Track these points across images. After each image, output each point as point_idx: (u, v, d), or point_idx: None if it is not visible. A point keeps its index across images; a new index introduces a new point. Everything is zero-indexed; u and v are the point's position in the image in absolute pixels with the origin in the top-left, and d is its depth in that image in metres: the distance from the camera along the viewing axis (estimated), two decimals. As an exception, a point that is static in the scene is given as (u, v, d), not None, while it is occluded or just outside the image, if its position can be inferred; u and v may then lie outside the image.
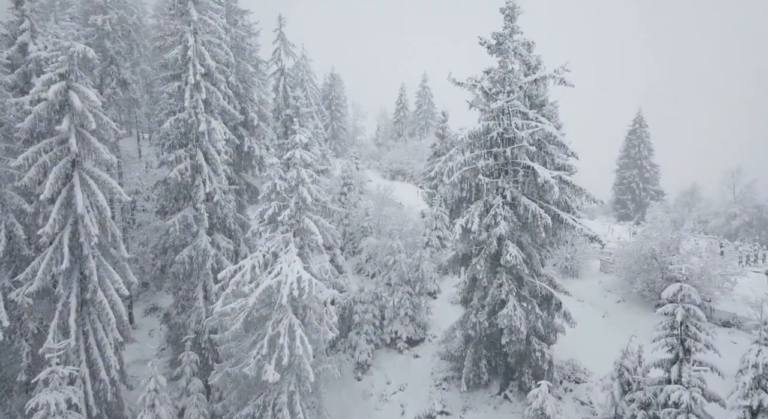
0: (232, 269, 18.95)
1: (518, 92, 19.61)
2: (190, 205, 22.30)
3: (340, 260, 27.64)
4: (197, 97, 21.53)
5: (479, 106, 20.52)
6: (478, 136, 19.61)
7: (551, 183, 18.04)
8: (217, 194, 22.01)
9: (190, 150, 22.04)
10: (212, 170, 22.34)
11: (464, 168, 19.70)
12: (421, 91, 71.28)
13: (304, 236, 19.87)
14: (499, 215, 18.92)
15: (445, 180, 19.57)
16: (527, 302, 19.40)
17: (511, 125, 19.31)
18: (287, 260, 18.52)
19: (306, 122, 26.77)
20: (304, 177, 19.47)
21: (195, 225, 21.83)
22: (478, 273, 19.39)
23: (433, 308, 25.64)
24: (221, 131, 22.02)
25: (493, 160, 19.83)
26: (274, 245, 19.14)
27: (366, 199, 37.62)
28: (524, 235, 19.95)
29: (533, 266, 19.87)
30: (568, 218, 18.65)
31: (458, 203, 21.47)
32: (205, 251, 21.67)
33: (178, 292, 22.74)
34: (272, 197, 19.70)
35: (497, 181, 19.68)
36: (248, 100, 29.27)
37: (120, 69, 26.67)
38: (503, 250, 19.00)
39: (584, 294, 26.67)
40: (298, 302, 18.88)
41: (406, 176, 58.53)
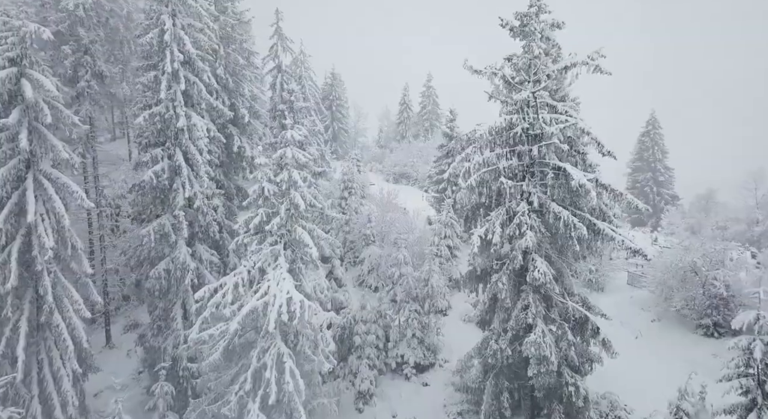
0: (212, 288, 16.17)
1: (545, 81, 16.84)
2: (169, 212, 19.56)
3: (340, 272, 24.86)
4: (175, 88, 18.83)
5: (500, 97, 17.76)
6: (499, 132, 16.84)
7: (587, 187, 15.25)
8: (198, 200, 19.27)
9: (168, 149, 19.33)
10: (193, 171, 19.61)
11: (483, 169, 16.93)
12: (426, 91, 68.62)
13: (297, 248, 17.09)
14: (525, 225, 16.12)
15: (461, 183, 16.80)
16: (557, 326, 16.57)
17: (538, 120, 16.54)
18: (276, 277, 15.76)
19: (302, 119, 24.13)
20: (296, 180, 16.72)
21: (173, 235, 19.09)
22: (500, 292, 16.57)
23: (444, 328, 22.81)
24: (203, 127, 19.29)
25: (516, 160, 17.05)
26: (261, 259, 16.38)
27: (368, 204, 34.87)
28: (553, 248, 17.16)
29: (564, 284, 17.06)
30: (607, 228, 15.83)
31: (474, 210, 18.68)
32: (184, 264, 18.91)
33: (153, 311, 19.97)
34: (260, 202, 16.95)
35: (522, 184, 16.90)
36: (238, 95, 26.60)
37: (96, 60, 24.01)
38: (530, 265, 16.21)
39: (612, 311, 23.70)
40: (288, 327, 16.08)
41: (411, 179, 55.79)
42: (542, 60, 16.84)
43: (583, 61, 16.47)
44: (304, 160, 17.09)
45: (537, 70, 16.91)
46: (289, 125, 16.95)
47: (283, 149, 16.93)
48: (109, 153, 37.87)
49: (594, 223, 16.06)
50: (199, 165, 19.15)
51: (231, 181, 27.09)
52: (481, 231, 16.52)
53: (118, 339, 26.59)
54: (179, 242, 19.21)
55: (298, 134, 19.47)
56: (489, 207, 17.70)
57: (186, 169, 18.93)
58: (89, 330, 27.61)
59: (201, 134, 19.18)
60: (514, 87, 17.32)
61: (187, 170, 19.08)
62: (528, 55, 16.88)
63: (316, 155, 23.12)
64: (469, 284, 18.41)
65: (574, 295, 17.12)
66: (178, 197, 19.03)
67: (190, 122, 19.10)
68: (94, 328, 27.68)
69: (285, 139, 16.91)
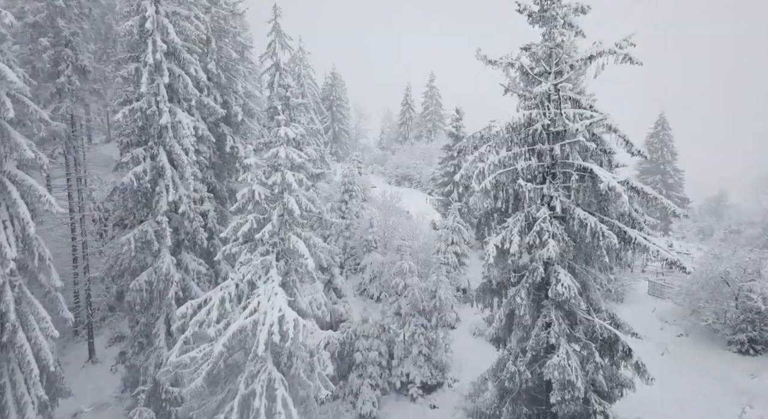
0: (195, 304, 14.40)
1: (568, 73, 15.11)
2: (152, 217, 17.82)
3: (339, 281, 23.09)
4: (158, 81, 17.12)
5: (516, 91, 16.01)
6: (517, 129, 15.09)
7: (618, 190, 13.47)
8: (184, 204, 17.52)
9: (151, 148, 17.59)
10: (178, 173, 17.88)
11: (499, 171, 15.17)
12: (428, 91, 66.92)
13: (291, 258, 15.34)
14: (546, 232, 14.35)
15: (474, 186, 15.03)
16: (582, 346, 14.77)
17: (561, 115, 14.81)
18: (267, 292, 13.99)
19: (298, 116, 22.42)
20: (291, 182, 14.98)
21: (156, 243, 17.33)
22: (518, 308, 14.78)
23: (452, 343, 20.99)
24: (190, 124, 17.56)
25: (536, 160, 15.29)
26: (250, 271, 14.62)
27: (369, 207, 33.16)
28: (577, 258, 15.38)
29: (590, 299, 15.27)
30: (639, 237, 14.04)
31: (487, 216, 16.93)
32: (168, 275, 17.16)
33: (135, 326, 18.21)
34: (249, 207, 15.20)
35: (542, 187, 15.13)
36: (231, 92, 24.89)
37: (78, 54, 22.32)
38: (552, 278, 14.43)
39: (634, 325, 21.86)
40: (281, 348, 14.30)
41: (413, 181, 54.04)
42: (565, 49, 15.10)
43: (611, 50, 14.72)
44: (300, 160, 15.35)
45: (559, 60, 15.18)
46: (283, 121, 15.22)
47: (276, 148, 15.19)
48: (102, 155, 36.22)
49: (624, 231, 14.27)
50: (185, 166, 17.41)
51: (223, 183, 25.38)
52: (496, 240, 14.75)
53: (103, 353, 24.82)
54: (162, 250, 17.46)
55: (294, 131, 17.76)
56: (505, 213, 15.95)
57: (170, 170, 17.20)
58: (71, 343, 26.03)
59: (187, 131, 17.45)
60: (533, 79, 15.61)
61: (171, 171, 17.35)
62: (549, 43, 15.14)
63: (314, 156, 21.40)
64: (482, 299, 16.62)
65: (601, 311, 15.33)
66: (161, 202, 17.30)
67: (175, 119, 17.38)
68: (77, 341, 25.98)
69: (278, 136, 15.18)
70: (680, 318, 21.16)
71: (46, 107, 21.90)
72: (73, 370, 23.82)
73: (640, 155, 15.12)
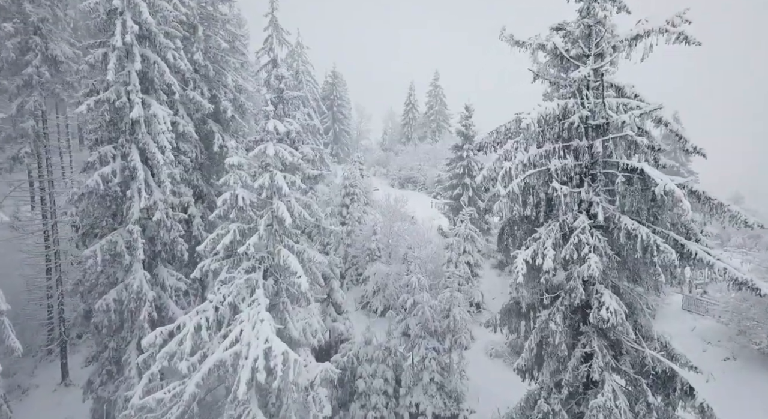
0: (166, 332, 12.00)
1: (611, 55, 12.71)
2: (123, 226, 15.45)
3: (339, 295, 20.67)
4: (129, 68, 14.77)
5: (548, 77, 13.65)
6: (550, 122, 12.69)
7: (677, 196, 11.04)
8: (159, 210, 15.14)
9: (122, 147, 15.23)
10: (153, 175, 15.51)
11: (529, 172, 12.77)
12: (432, 90, 64.58)
13: (281, 276, 12.94)
14: (586, 245, 11.94)
15: (500, 190, 12.61)
16: (631, 382, 12.33)
17: (603, 105, 12.41)
18: (251, 317, 11.59)
19: (293, 111, 20.07)
20: (281, 186, 12.60)
21: (127, 255, 14.95)
22: (552, 336, 12.35)
23: (467, 366, 18.53)
24: (166, 118, 15.20)
25: (572, 159, 12.89)
26: (232, 292, 12.21)
27: (372, 212, 30.77)
28: (622, 276, 12.97)
29: (639, 325, 12.85)
30: (701, 251, 11.60)
31: (512, 225, 14.52)
32: (140, 293, 14.76)
33: (103, 352, 15.81)
34: (232, 215, 12.81)
35: (579, 191, 12.73)
36: (221, 85, 22.56)
37: (48, 42, 20.00)
38: (593, 300, 12.03)
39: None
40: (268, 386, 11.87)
41: (417, 184, 51.66)
42: (607, 26, 12.72)
43: (661, 28, 12.29)
44: (292, 159, 12.97)
45: (600, 39, 12.79)
46: (272, 112, 12.84)
47: (263, 144, 12.81)
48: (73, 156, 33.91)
49: (682, 244, 11.83)
50: (161, 167, 15.05)
51: (212, 187, 23.02)
52: (526, 254, 12.32)
53: (78, 374, 22.37)
54: (134, 265, 15.08)
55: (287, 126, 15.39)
56: (535, 221, 13.55)
57: (142, 172, 14.82)
58: (43, 363, 23.59)
59: (163, 127, 15.08)
60: (567, 64, 13.22)
61: (145, 172, 14.99)
62: (588, 19, 12.74)
63: (311, 155, 19.03)
64: (507, 322, 14.17)
65: (652, 339, 12.89)
66: (132, 208, 14.92)
67: (149, 112, 15.02)
68: (50, 360, 23.58)
69: (266, 131, 12.80)
70: (725, 338, 18.67)
71: (12, 101, 19.59)
72: (42, 394, 21.42)
73: (697, 154, 12.69)
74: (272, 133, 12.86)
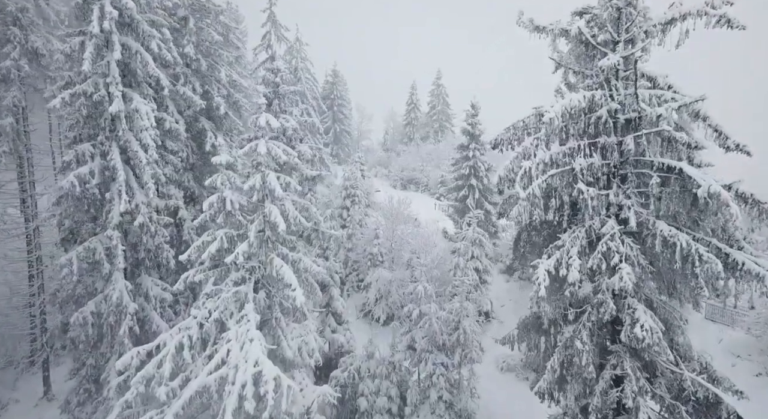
0: (144, 352, 10.67)
1: (644, 41, 11.38)
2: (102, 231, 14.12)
3: (340, 304, 19.32)
4: (108, 58, 13.45)
5: (571, 67, 12.31)
6: (575, 115, 11.33)
7: (723, 199, 9.71)
8: (142, 214, 13.80)
9: (102, 145, 13.91)
10: (135, 175, 14.19)
11: (551, 171, 11.42)
12: (435, 89, 63.27)
13: (274, 288, 11.61)
14: (616, 254, 10.61)
15: (518, 192, 11.27)
16: (668, 409, 10.96)
17: (635, 97, 11.07)
18: (240, 336, 10.25)
19: (289, 107, 18.77)
20: (274, 187, 11.26)
21: (106, 264, 13.61)
22: (577, 355, 11.00)
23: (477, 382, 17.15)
24: (149, 113, 13.87)
25: (599, 157, 11.53)
26: (219, 306, 10.87)
27: (374, 214, 29.42)
28: (656, 288, 11.61)
29: (675, 343, 11.49)
30: (749, 262, 10.24)
31: (529, 232, 13.20)
32: (120, 305, 13.43)
33: (81, 369, 14.48)
34: (219, 220, 11.46)
35: (608, 194, 11.40)
36: (213, 80, 21.23)
37: (28, 34, 18.71)
38: (625, 316, 10.70)
39: (696, 358, 18.10)
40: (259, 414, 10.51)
41: (420, 185, 50.33)
42: (639, 9, 11.38)
43: (699, 11, 10.96)
44: (287, 157, 11.63)
45: (631, 24, 11.45)
46: (264, 105, 11.52)
47: (254, 142, 11.48)
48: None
49: (726, 253, 10.47)
50: (143, 167, 13.71)
51: (204, 188, 21.67)
52: (548, 263, 10.97)
53: (61, 387, 20.94)
54: (114, 274, 13.74)
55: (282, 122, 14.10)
56: (558, 227, 12.22)
57: (123, 172, 13.49)
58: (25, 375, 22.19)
59: (146, 122, 13.75)
60: (595, 50, 11.89)
61: (126, 173, 13.66)
62: (618, 1, 11.40)
63: (309, 155, 17.69)
64: (526, 338, 12.82)
65: (690, 360, 11.52)
66: (112, 212, 13.59)
67: (130, 107, 13.70)
68: (33, 372, 22.21)
69: (258, 126, 11.47)
70: (756, 352, 17.31)
71: (-11, 96, 18.27)
72: (23, 410, 20.07)
73: (740, 151, 11.33)
74: (265, 128, 11.53)
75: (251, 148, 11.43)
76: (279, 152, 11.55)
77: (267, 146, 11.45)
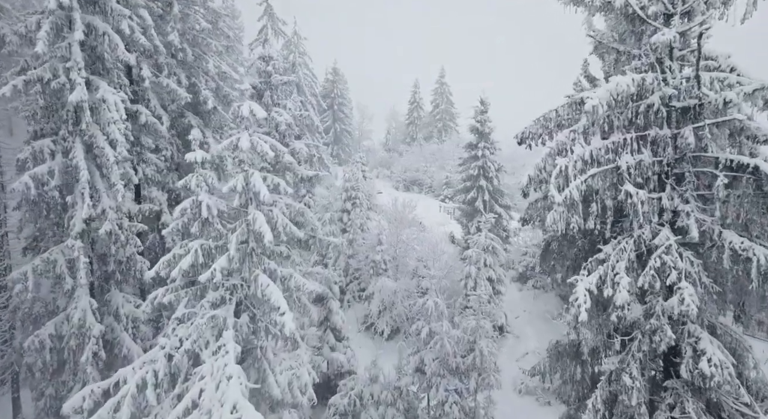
0: (98, 391, 8.78)
1: (706, 13, 9.48)
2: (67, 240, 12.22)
3: (339, 318, 17.42)
4: (69, 39, 11.56)
5: (614, 46, 10.42)
6: (621, 103, 9.40)
7: (814, 203, 7.79)
8: (110, 221, 11.89)
9: (63, 140, 12.02)
10: (102, 176, 12.29)
11: (592, 170, 9.51)
12: (438, 88, 61.39)
13: (259, 310, 9.70)
14: (673, 271, 8.72)
15: (554, 196, 9.37)
16: (737, 460, 9.04)
17: (696, 81, 9.16)
18: (216, 372, 8.31)
19: (283, 100, 16.88)
20: (259, 189, 9.36)
21: (68, 278, 11.72)
22: (626, 392, 9.07)
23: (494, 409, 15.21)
24: (118, 104, 11.97)
25: (649, 153, 9.61)
26: (192, 334, 8.96)
27: (376, 217, 27.55)
28: (722, 312, 9.69)
29: (745, 379, 9.55)
30: (842, 282, 8.33)
31: (560, 242, 11.30)
32: (83, 327, 11.53)
33: (39, 400, 12.57)
34: (194, 230, 9.56)
35: (660, 197, 9.50)
36: (201, 72, 19.32)
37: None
38: (685, 346, 8.83)
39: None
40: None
41: (423, 186, 48.43)
42: (698, -26, 9.49)
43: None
44: (275, 154, 9.74)
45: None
46: (248, 91, 9.67)
47: (236, 136, 9.59)
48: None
49: (812, 270, 8.55)
50: (111, 166, 11.80)
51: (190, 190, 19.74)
52: (590, 281, 9.07)
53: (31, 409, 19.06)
54: (77, 290, 11.83)
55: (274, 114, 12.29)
56: (597, 237, 10.30)
57: (86, 172, 11.58)
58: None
59: (115, 115, 11.85)
60: (643, 25, 9.99)
61: (89, 173, 11.74)
62: (674, -37, 9.50)
63: (305, 153, 15.79)
64: (560, 368, 10.88)
65: (765, 399, 9.58)
66: (75, 218, 11.69)
67: (96, 96, 11.81)
68: (2, 392, 20.35)
69: (240, 116, 9.57)
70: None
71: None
72: (-11, 435, 18.21)
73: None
74: (249, 120, 9.63)
75: (232, 143, 9.54)
76: (265, 147, 9.65)
77: (251, 140, 9.56)
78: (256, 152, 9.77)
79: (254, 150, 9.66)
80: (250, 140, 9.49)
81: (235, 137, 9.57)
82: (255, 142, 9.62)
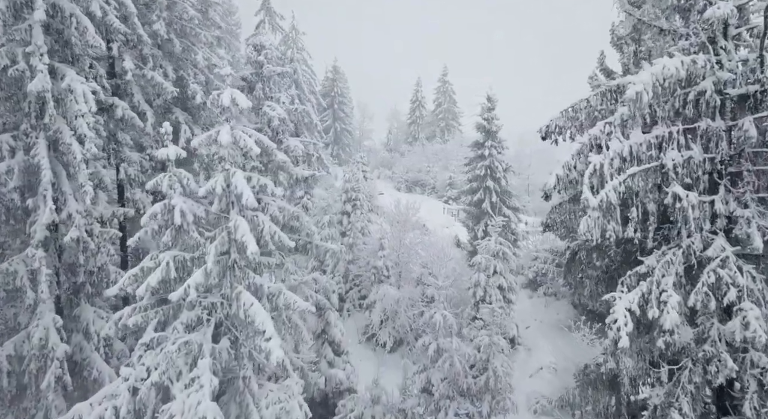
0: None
1: (765, -16, 8.09)
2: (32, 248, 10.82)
3: (338, 331, 16.01)
4: (29, 21, 10.19)
5: (656, 23, 9.03)
6: (668, 89, 8.00)
7: None
8: (76, 227, 10.50)
9: (25, 136, 10.65)
10: (69, 176, 10.92)
11: (632, 169, 8.12)
12: (441, 86, 60.01)
13: (241, 334, 8.30)
14: (731, 288, 7.35)
15: (588, 199, 7.98)
16: None
17: (759, 63, 7.77)
18: (188, 410, 6.91)
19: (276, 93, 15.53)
20: (241, 191, 7.93)
21: (30, 291, 10.33)
22: (674, 431, 7.66)
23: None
24: (87, 93, 10.58)
25: (699, 149, 8.22)
26: (161, 363, 7.55)
27: (378, 220, 26.16)
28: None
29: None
30: None
31: (589, 252, 9.91)
32: (46, 347, 10.14)
33: (-2, 429, 11.15)
34: (166, 239, 8.16)
35: (712, 200, 8.10)
36: (189, 64, 17.98)
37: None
38: (747, 378, 7.37)
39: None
40: None
41: (426, 186, 47.06)
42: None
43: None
44: (259, 150, 8.34)
45: (746, -41, 8.14)
46: (228, 77, 8.26)
47: (215, 129, 8.20)
48: None
49: None
50: (78, 164, 10.42)
51: (179, 191, 18.38)
52: (631, 299, 7.70)
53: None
54: (40, 305, 10.44)
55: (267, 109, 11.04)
56: (637, 246, 8.91)
57: (48, 172, 10.20)
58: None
59: (83, 107, 10.46)
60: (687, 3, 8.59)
61: (52, 173, 10.36)
62: (729, -74, 8.09)
63: (300, 150, 14.42)
64: (592, 399, 9.47)
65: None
66: (36, 224, 10.31)
67: (62, 86, 10.43)
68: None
69: (219, 106, 8.19)
70: None
71: None
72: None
73: None
74: (229, 109, 8.24)
75: (210, 137, 8.15)
76: (250, 142, 8.26)
77: (233, 134, 8.17)
78: (239, 147, 8.39)
79: (236, 145, 8.27)
80: (231, 134, 8.10)
81: (214, 130, 8.19)
82: (238, 136, 8.23)
